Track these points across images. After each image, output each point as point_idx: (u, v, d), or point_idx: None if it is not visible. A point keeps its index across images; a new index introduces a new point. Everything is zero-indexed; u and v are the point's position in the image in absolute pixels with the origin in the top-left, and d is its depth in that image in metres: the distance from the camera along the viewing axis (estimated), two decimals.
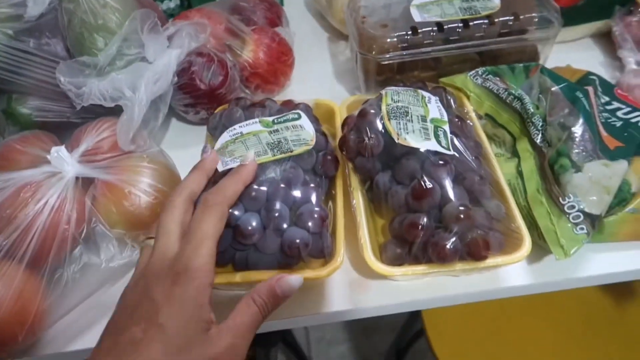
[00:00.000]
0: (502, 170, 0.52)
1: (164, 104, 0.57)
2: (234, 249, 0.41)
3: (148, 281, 0.34)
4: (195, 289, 0.33)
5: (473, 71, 0.57)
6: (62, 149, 0.49)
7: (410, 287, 0.47)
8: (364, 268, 0.47)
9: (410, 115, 0.47)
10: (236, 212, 0.40)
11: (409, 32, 0.56)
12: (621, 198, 0.47)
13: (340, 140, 0.49)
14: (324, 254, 0.42)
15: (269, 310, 0.35)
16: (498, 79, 0.56)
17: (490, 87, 0.55)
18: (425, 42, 0.56)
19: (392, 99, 0.49)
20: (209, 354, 0.31)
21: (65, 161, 0.48)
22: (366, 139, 0.46)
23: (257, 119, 0.47)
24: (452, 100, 0.53)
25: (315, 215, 0.42)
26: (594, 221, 0.44)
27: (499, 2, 0.57)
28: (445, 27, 0.56)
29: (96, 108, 0.53)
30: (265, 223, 0.41)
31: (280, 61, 0.63)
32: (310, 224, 0.41)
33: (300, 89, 0.68)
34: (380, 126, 0.47)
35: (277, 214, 0.41)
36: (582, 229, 0.43)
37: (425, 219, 0.43)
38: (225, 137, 0.46)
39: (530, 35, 0.57)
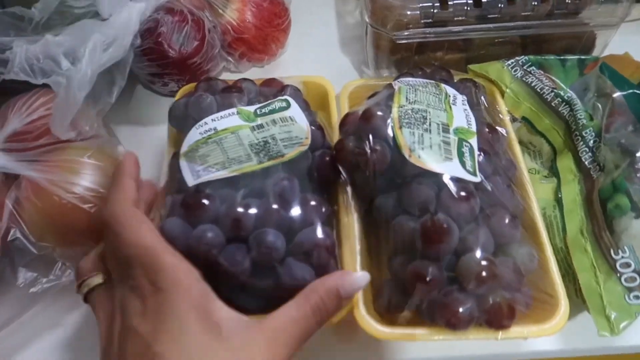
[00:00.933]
0: (537, 193, 0.41)
1: (121, 76, 0.45)
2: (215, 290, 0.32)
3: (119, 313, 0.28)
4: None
5: (512, 60, 0.45)
6: None
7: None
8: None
9: (428, 123, 0.36)
10: (215, 240, 0.31)
11: (436, 5, 0.43)
12: None
13: (336, 145, 0.38)
14: None
15: (326, 317, 0.29)
16: (543, 72, 0.44)
17: (533, 84, 0.44)
18: (455, 18, 0.44)
19: (406, 98, 0.37)
20: None
21: None
22: (368, 150, 0.35)
23: (234, 109, 0.36)
24: (483, 99, 0.42)
25: (320, 244, 0.32)
26: None
27: None
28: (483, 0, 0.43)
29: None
30: (255, 257, 0.31)
31: (272, 25, 0.50)
32: (313, 256, 0.32)
33: (295, 58, 0.56)
34: (388, 134, 0.36)
35: (270, 246, 0.31)
36: (637, 297, 0.34)
37: (435, 270, 0.33)
38: (195, 134, 0.35)
39: (591, 18, 0.44)
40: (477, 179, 0.34)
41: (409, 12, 0.44)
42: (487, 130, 0.38)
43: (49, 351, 0.38)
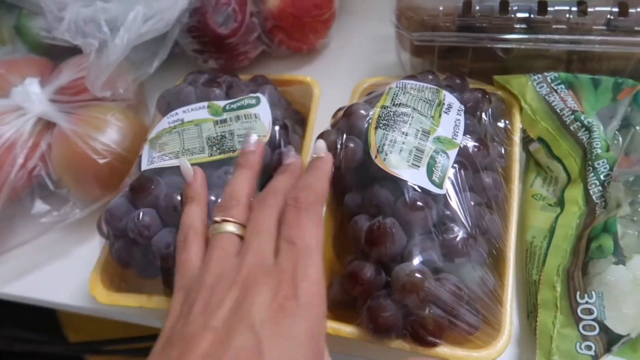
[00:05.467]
0: (533, 221, 0.39)
1: (164, 49, 0.50)
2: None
3: (245, 290, 0.24)
4: (309, 322, 0.24)
5: (540, 75, 0.41)
6: (33, 83, 0.46)
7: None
8: None
9: (407, 127, 0.35)
10: (150, 223, 0.33)
11: (459, 8, 0.41)
12: None
13: (318, 136, 0.39)
14: None
15: None
16: (571, 93, 0.41)
17: (554, 103, 0.40)
18: (479, 24, 0.41)
19: (392, 100, 0.37)
20: None
21: (31, 98, 0.44)
22: (339, 145, 0.36)
23: (205, 103, 0.39)
24: (494, 110, 0.39)
25: None
26: (613, 342, 0.30)
27: None
28: (513, 7, 0.40)
29: None
30: None
31: (310, 15, 0.52)
32: None
33: (337, 51, 0.57)
34: (365, 133, 0.36)
35: None
36: (588, 347, 0.30)
37: (370, 272, 0.32)
38: (164, 123, 0.39)
39: (635, 37, 0.39)
40: (441, 191, 0.33)
41: (428, 15, 0.42)
42: (475, 144, 0.36)
43: (56, 276, 0.44)
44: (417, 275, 0.30)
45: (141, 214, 0.33)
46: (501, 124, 0.40)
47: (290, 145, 0.38)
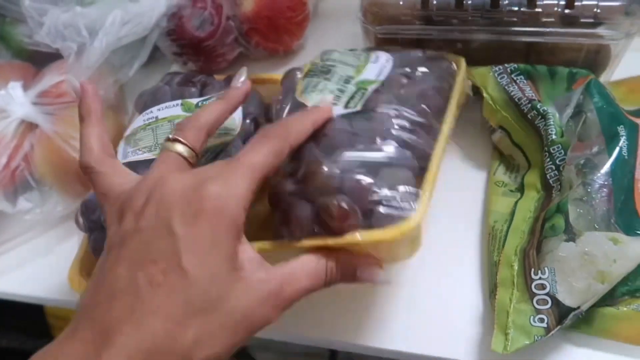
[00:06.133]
0: (495, 206, 0.41)
1: (144, 51, 0.52)
2: None
3: (167, 203, 0.26)
4: (225, 228, 0.25)
5: (500, 66, 0.43)
6: (16, 87, 0.47)
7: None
8: None
9: (330, 75, 0.36)
10: None
11: (419, 4, 0.43)
12: (638, 286, 0.34)
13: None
14: None
15: (332, 284, 0.28)
16: (530, 83, 0.42)
17: (512, 93, 0.42)
18: (436, 18, 0.43)
19: (322, 57, 0.39)
20: (241, 307, 0.25)
21: (14, 101, 0.46)
22: (274, 102, 0.38)
23: (179, 101, 0.40)
24: (438, 69, 0.38)
25: None
26: (564, 315, 0.31)
27: None
28: (467, 1, 0.42)
29: None
30: None
31: (284, 17, 0.54)
32: None
33: (314, 52, 0.58)
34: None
35: None
36: (541, 320, 0.32)
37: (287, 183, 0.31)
38: (139, 121, 0.40)
39: (582, 29, 0.41)
40: (357, 108, 0.33)
41: (391, 10, 0.44)
42: (397, 74, 0.36)
43: (40, 273, 0.46)
44: (327, 168, 0.29)
45: None
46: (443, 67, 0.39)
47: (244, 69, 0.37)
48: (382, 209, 0.28)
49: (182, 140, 0.29)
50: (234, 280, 0.25)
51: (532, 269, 0.33)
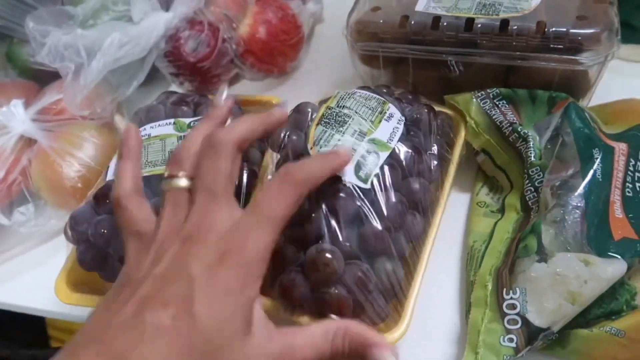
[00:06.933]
0: (475, 226, 0.41)
1: (142, 71, 0.54)
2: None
3: (188, 244, 0.26)
4: (244, 278, 0.25)
5: (483, 92, 0.44)
6: (18, 104, 0.49)
7: None
8: None
9: (346, 127, 0.37)
10: (108, 229, 0.36)
11: (397, 23, 0.45)
12: (613, 309, 0.34)
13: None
14: None
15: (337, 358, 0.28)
16: (511, 107, 0.43)
17: (494, 117, 0.43)
18: (415, 37, 0.44)
19: (338, 102, 0.39)
20: None
21: (15, 117, 0.48)
22: (282, 135, 0.38)
23: (172, 120, 0.42)
24: (440, 127, 0.42)
25: None
26: (533, 335, 0.32)
27: (537, 2, 0.42)
28: (443, 23, 0.43)
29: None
30: None
31: (278, 40, 0.55)
32: None
33: (309, 73, 0.61)
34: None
35: None
36: (510, 340, 0.32)
37: (288, 249, 0.34)
38: None
39: (553, 54, 0.41)
40: (366, 186, 0.35)
41: (373, 28, 0.45)
42: (408, 150, 0.38)
43: (34, 284, 0.47)
44: (327, 255, 0.32)
45: (100, 219, 0.36)
46: (444, 140, 0.42)
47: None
48: (376, 306, 0.33)
49: (179, 175, 0.30)
50: (241, 333, 0.25)
51: (505, 289, 0.34)
